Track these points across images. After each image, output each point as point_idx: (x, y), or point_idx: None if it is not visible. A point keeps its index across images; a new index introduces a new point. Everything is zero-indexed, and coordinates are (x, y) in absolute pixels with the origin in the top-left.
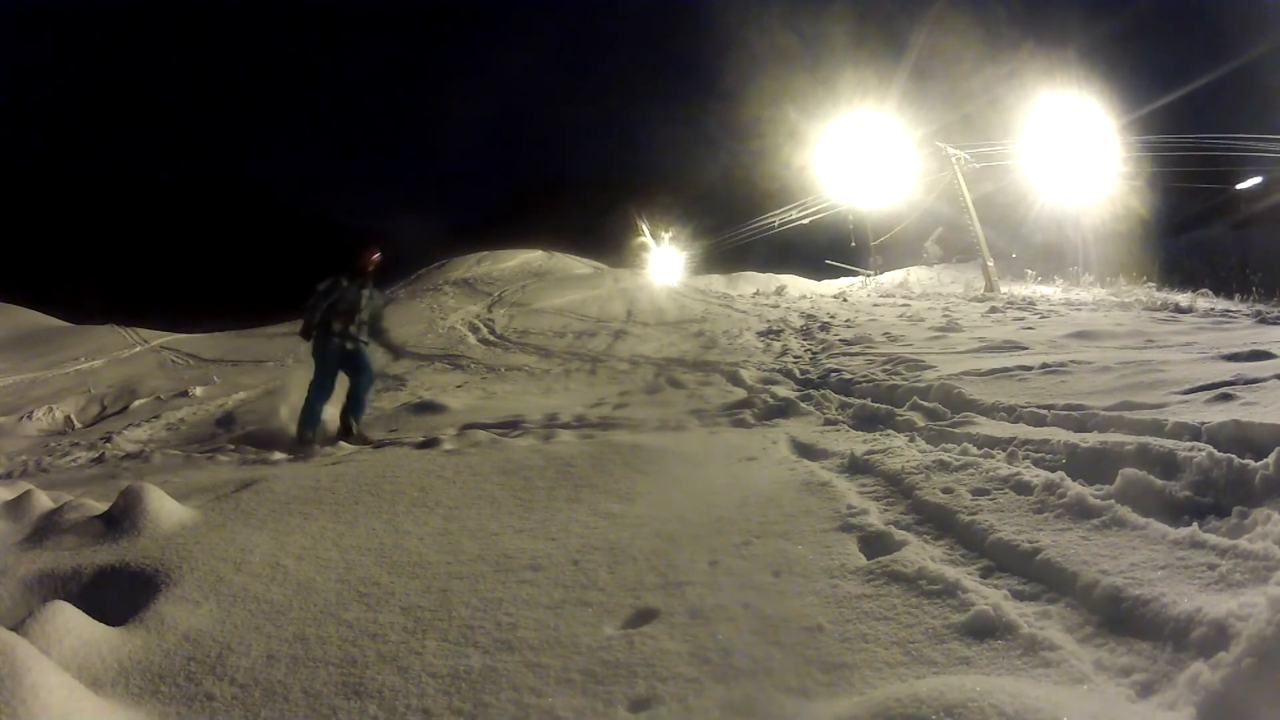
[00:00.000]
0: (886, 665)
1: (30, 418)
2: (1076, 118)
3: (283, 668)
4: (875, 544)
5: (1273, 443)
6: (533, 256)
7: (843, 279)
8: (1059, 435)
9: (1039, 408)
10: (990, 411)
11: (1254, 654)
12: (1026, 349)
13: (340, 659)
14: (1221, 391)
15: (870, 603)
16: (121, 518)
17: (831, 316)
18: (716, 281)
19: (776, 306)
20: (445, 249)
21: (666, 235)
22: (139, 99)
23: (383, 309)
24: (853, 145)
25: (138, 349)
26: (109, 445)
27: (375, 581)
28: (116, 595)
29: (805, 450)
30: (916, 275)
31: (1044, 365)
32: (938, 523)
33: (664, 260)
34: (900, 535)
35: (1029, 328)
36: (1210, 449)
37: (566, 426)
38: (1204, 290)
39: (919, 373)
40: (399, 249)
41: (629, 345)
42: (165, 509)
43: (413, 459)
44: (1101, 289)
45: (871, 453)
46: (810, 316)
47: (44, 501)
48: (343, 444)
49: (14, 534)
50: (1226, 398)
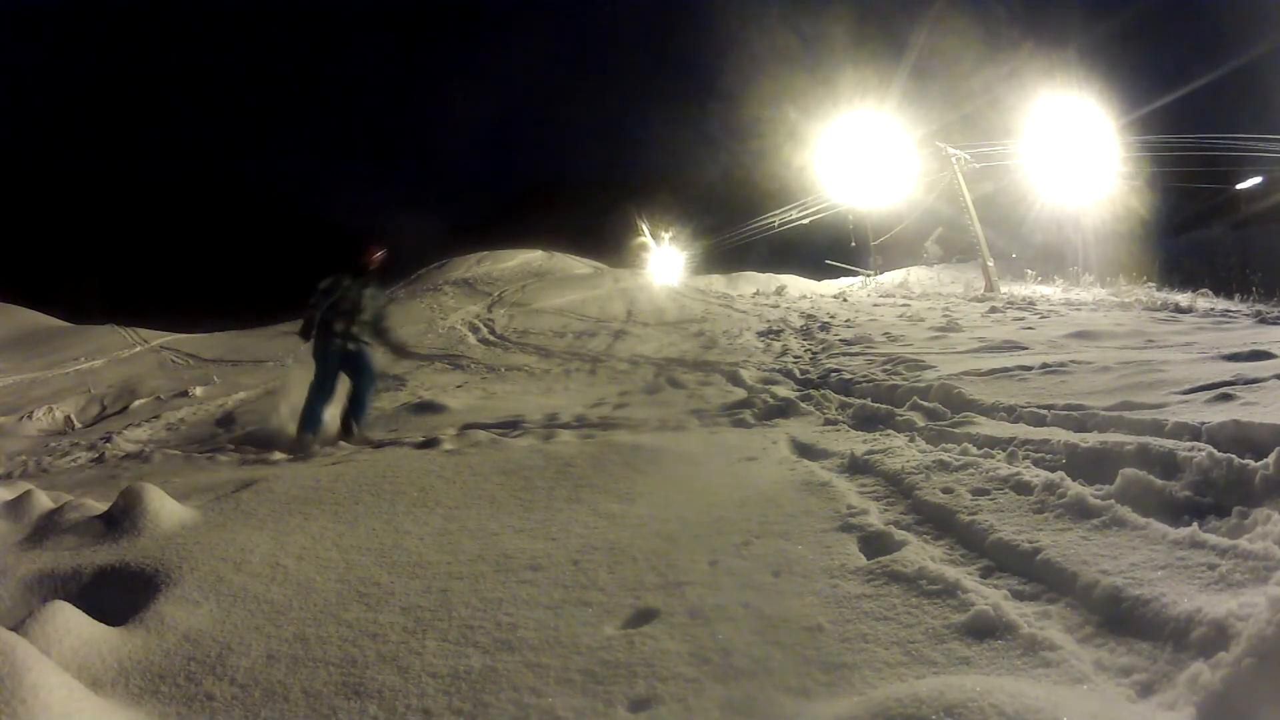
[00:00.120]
0: (886, 665)
1: (30, 418)
2: (1076, 118)
3: (283, 668)
4: (875, 544)
5: (1273, 443)
6: (533, 256)
7: (843, 279)
8: (1059, 435)
9: (1039, 408)
10: (990, 411)
11: (1254, 654)
12: (1026, 349)
13: (340, 659)
14: (1221, 391)
15: (870, 603)
16: (121, 518)
17: (831, 316)
18: (716, 281)
19: (776, 306)
20: (445, 249)
21: (666, 235)
22: (139, 99)
23: (386, 308)
24: (853, 145)
25: (138, 349)
26: (109, 445)
27: (375, 581)
28: (116, 595)
29: (805, 450)
30: (916, 275)
31: (1044, 365)
32: (938, 523)
33: (664, 260)
34: (900, 535)
35: (1029, 328)
36: (1210, 449)
37: (566, 426)
38: (1204, 290)
39: (919, 373)
40: (399, 249)
41: (629, 345)
42: (165, 509)
43: (413, 459)
44: (1101, 289)
45: (871, 453)
46: (810, 316)
47: (44, 501)
48: (343, 444)
49: (14, 534)
50: (1226, 398)
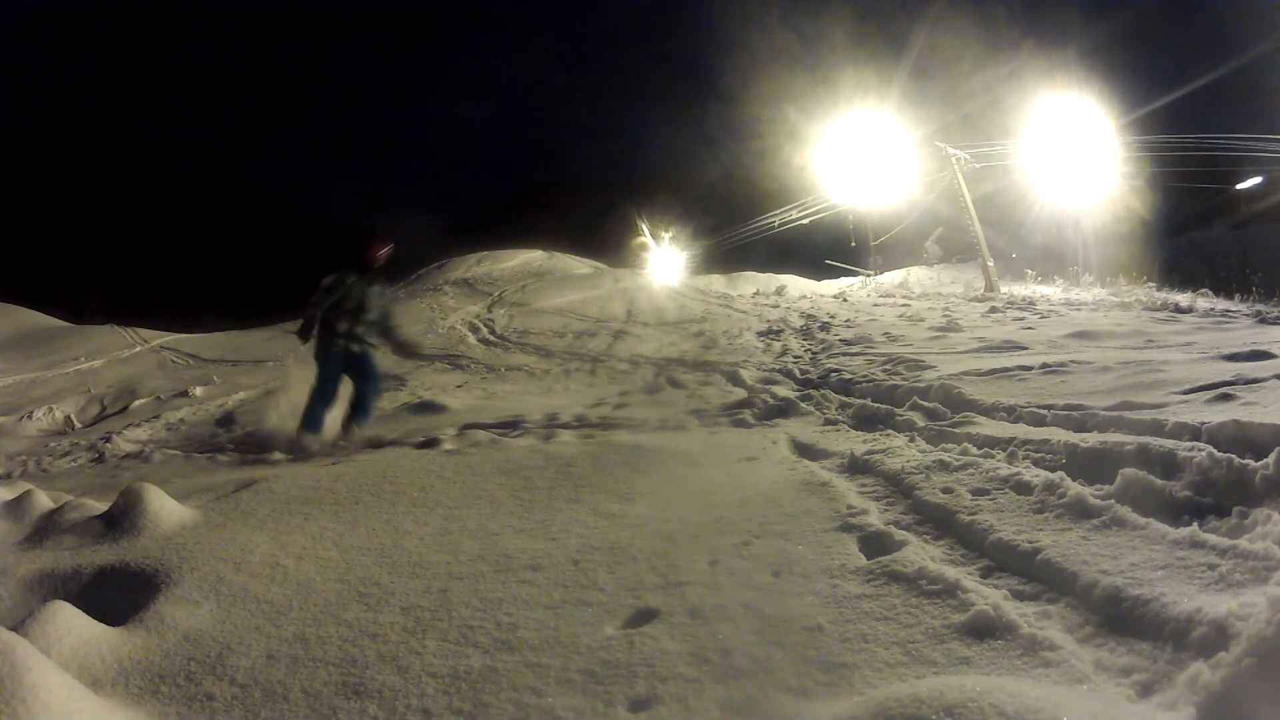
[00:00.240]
0: (886, 665)
1: (30, 418)
2: (1076, 118)
3: (283, 668)
4: (875, 544)
5: (1273, 443)
6: (533, 256)
7: (843, 279)
8: (1059, 435)
9: (1039, 408)
10: (990, 411)
11: (1254, 654)
12: (1026, 349)
13: (340, 659)
14: (1221, 391)
15: (870, 603)
16: (121, 518)
17: (831, 316)
18: (716, 281)
19: (776, 306)
20: (445, 249)
21: (666, 235)
22: (139, 99)
23: (392, 307)
24: (853, 145)
25: (138, 349)
26: (109, 445)
27: (375, 581)
28: (116, 595)
29: (805, 450)
30: (916, 275)
31: (1044, 365)
32: (938, 523)
33: (664, 260)
34: (900, 535)
35: (1029, 328)
36: (1210, 449)
37: (566, 426)
38: (1204, 290)
39: (919, 373)
40: (399, 249)
41: (629, 345)
42: (165, 509)
43: (413, 459)
44: (1101, 289)
45: (871, 453)
46: (810, 316)
47: (44, 501)
48: (343, 444)
49: (14, 534)
50: (1226, 398)
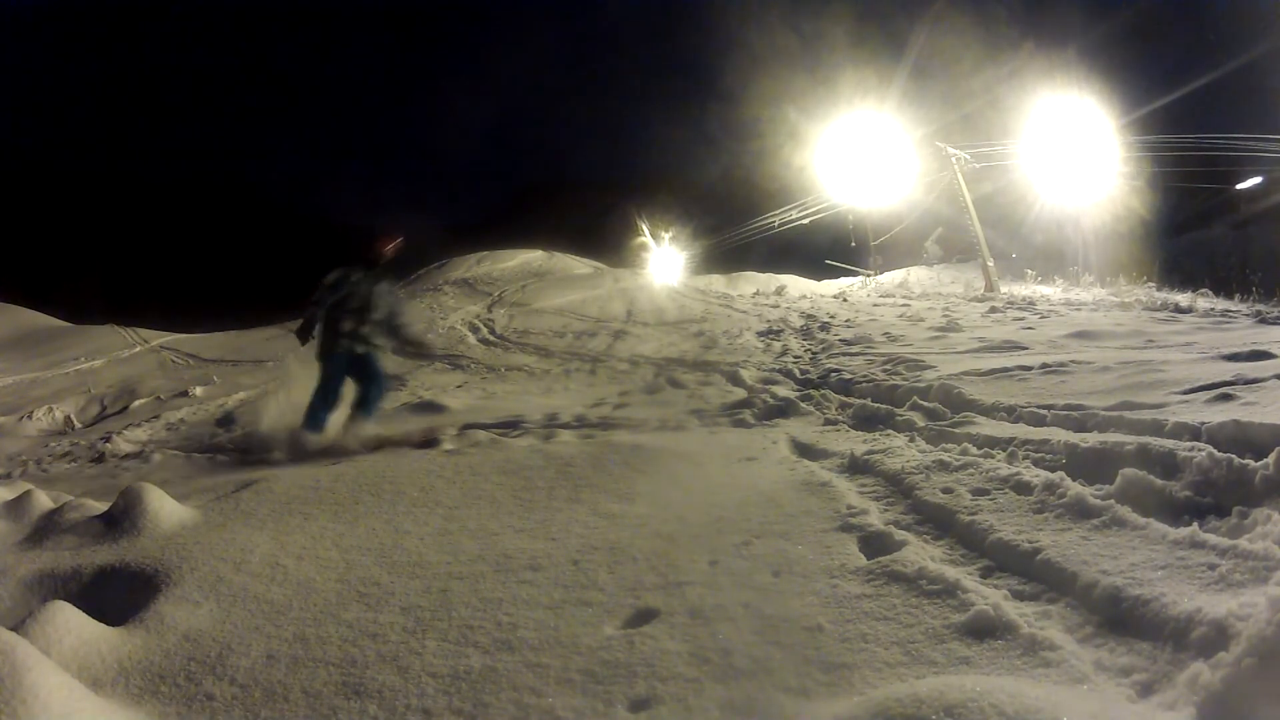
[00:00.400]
0: (886, 665)
1: (30, 418)
2: (1077, 118)
3: (283, 668)
4: (875, 544)
5: (1273, 443)
6: (533, 256)
7: (843, 279)
8: (1059, 435)
9: (1039, 408)
10: (990, 411)
11: (1254, 654)
12: (1026, 349)
13: (340, 659)
14: (1221, 391)
15: (870, 603)
16: (121, 518)
17: (831, 316)
18: (716, 281)
19: (776, 306)
20: (445, 249)
21: (666, 235)
22: (139, 99)
23: (401, 305)
24: (853, 145)
25: (138, 349)
26: (109, 445)
27: (375, 581)
28: (116, 595)
29: (805, 450)
30: (916, 275)
31: (1044, 365)
32: (938, 523)
33: (664, 260)
34: (900, 535)
35: (1029, 328)
36: (1210, 449)
37: (566, 426)
38: (1204, 290)
39: (919, 373)
40: (406, 245)
41: (629, 345)
42: (165, 509)
43: (413, 459)
44: (1101, 289)
45: (871, 453)
46: (810, 316)
47: (44, 501)
48: (342, 444)
49: (14, 534)
50: (1226, 398)
